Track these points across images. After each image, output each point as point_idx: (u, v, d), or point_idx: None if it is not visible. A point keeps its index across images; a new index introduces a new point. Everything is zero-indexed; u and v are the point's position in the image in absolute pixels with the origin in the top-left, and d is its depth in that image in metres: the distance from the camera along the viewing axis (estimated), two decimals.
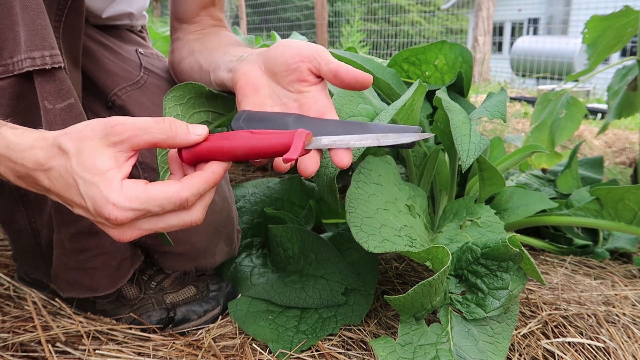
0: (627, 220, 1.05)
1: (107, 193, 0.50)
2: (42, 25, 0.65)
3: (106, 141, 0.51)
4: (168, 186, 0.52)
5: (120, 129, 0.51)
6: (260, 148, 0.56)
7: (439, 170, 1.10)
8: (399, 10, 9.10)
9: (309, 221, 1.07)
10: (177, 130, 0.54)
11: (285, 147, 0.55)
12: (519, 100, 4.12)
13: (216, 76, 0.75)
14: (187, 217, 0.55)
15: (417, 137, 0.58)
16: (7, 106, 0.65)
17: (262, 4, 9.77)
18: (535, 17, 11.08)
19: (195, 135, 0.55)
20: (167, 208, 0.52)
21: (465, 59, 1.18)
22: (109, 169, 0.51)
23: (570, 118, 1.67)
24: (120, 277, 0.86)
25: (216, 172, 0.55)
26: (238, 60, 0.70)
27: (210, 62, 0.78)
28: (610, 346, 0.85)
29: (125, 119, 0.52)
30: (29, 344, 0.82)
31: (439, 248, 0.69)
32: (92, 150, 0.51)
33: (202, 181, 0.54)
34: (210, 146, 0.56)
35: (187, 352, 0.81)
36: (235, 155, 0.56)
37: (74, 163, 0.51)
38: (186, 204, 0.53)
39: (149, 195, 0.51)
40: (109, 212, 0.50)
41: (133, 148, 0.53)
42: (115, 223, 0.51)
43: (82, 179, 0.51)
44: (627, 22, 1.57)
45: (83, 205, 0.52)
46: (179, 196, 0.52)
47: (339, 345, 0.83)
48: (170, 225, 0.55)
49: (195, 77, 0.82)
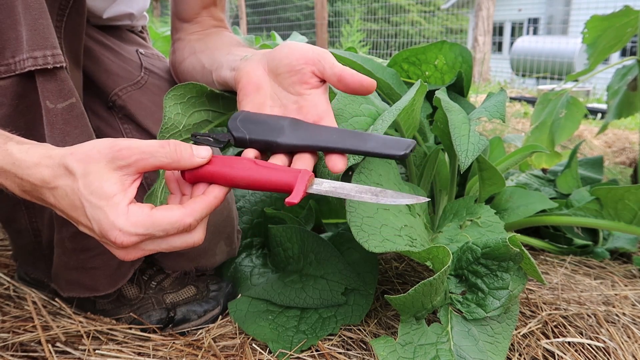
0: (627, 220, 1.05)
1: (113, 218, 0.52)
2: (44, 25, 0.66)
3: (112, 165, 0.53)
4: (172, 212, 0.54)
5: (126, 153, 0.53)
6: (262, 182, 0.57)
7: (438, 170, 1.10)
8: (399, 10, 9.10)
9: (309, 221, 1.07)
10: (182, 154, 0.55)
11: (287, 186, 0.57)
12: (519, 100, 4.12)
13: (218, 75, 0.75)
14: (189, 238, 0.57)
15: (415, 199, 0.59)
16: (8, 105, 0.66)
17: (262, 4, 9.77)
18: (535, 17, 11.09)
19: (199, 158, 0.57)
20: (170, 232, 0.54)
21: (465, 59, 1.18)
22: (115, 193, 0.52)
23: (570, 118, 1.67)
24: (120, 277, 0.86)
25: (218, 197, 0.57)
26: (242, 59, 0.70)
27: (212, 61, 0.78)
28: (610, 346, 0.85)
29: (131, 142, 0.54)
30: (29, 343, 0.82)
31: (440, 248, 0.69)
32: (98, 174, 0.52)
33: (204, 206, 0.56)
34: (213, 171, 0.58)
35: (187, 352, 0.81)
36: (236, 184, 0.58)
37: (80, 185, 0.52)
38: (189, 228, 0.55)
39: (153, 221, 0.53)
40: (115, 237, 0.52)
41: (138, 171, 0.54)
42: (121, 246, 0.53)
43: (88, 202, 0.52)
44: (627, 22, 1.57)
45: (89, 226, 0.54)
46: (183, 222, 0.54)
47: (339, 345, 0.83)
48: (172, 246, 0.56)
49: (197, 77, 0.82)
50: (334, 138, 0.61)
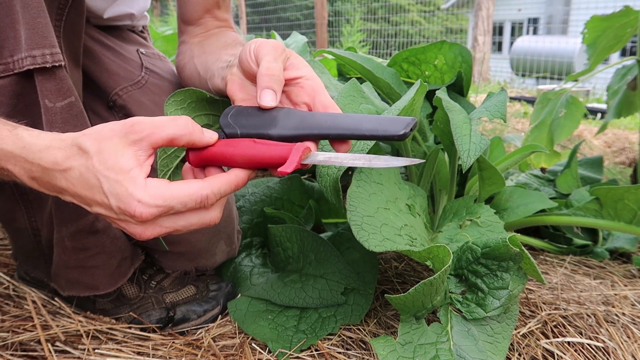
0: (626, 220, 1.05)
1: (132, 190, 0.52)
2: (43, 23, 0.66)
3: (126, 140, 0.53)
4: (190, 184, 0.55)
5: (138, 128, 0.53)
6: (260, 158, 0.58)
7: (438, 169, 1.10)
8: (399, 10, 9.10)
9: (309, 221, 1.07)
10: (195, 128, 0.57)
11: (284, 159, 0.57)
12: (519, 100, 4.13)
13: (213, 84, 0.76)
14: (206, 216, 0.57)
15: (408, 161, 0.59)
16: (7, 105, 0.65)
17: (262, 4, 9.76)
18: (535, 17, 11.09)
19: (208, 137, 0.58)
20: (189, 205, 0.54)
21: (465, 59, 1.18)
22: (132, 167, 0.52)
23: (570, 117, 1.67)
24: (120, 276, 0.86)
25: (239, 176, 0.58)
26: (227, 66, 0.71)
27: (206, 70, 0.79)
28: (609, 346, 0.85)
29: (142, 117, 0.54)
30: (29, 343, 0.82)
31: (440, 247, 0.69)
32: (113, 150, 0.52)
33: (223, 182, 0.57)
34: (215, 151, 0.59)
35: (186, 352, 0.81)
36: (236, 162, 0.59)
37: (95, 162, 0.52)
38: (207, 201, 0.55)
39: (172, 193, 0.53)
40: (135, 208, 0.52)
41: (152, 146, 0.54)
42: (140, 220, 0.53)
43: (105, 177, 0.52)
44: (627, 22, 1.57)
45: (105, 204, 0.53)
46: (201, 193, 0.54)
47: (339, 344, 0.83)
48: (190, 223, 0.56)
49: (196, 84, 0.83)
50: (327, 124, 0.60)
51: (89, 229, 0.79)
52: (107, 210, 0.54)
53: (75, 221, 0.78)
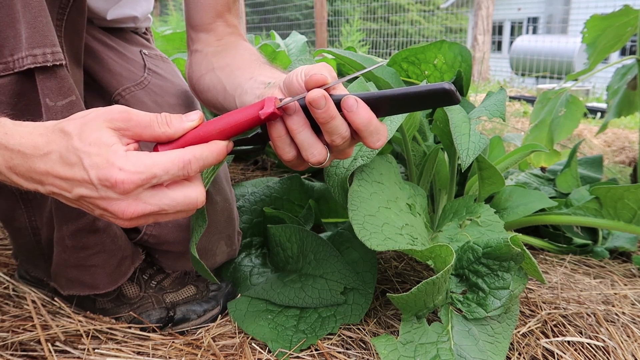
0: (626, 219, 1.05)
1: (113, 159, 0.51)
2: (44, 22, 0.65)
3: (110, 124, 0.53)
4: (171, 152, 0.54)
5: (125, 117, 0.54)
6: (234, 123, 0.58)
7: (438, 169, 1.10)
8: (399, 10, 9.10)
9: (309, 221, 1.06)
10: (173, 123, 0.56)
11: (259, 114, 0.57)
12: (519, 100, 4.13)
13: (242, 102, 0.74)
14: (191, 192, 0.56)
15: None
16: (7, 104, 0.65)
17: (262, 4, 9.76)
18: (534, 16, 11.09)
19: (189, 121, 0.57)
20: (171, 172, 0.53)
21: (465, 58, 1.18)
22: (114, 143, 0.52)
23: (570, 116, 1.67)
24: (120, 275, 0.86)
25: (219, 143, 0.57)
26: (266, 87, 0.70)
27: (235, 86, 0.77)
28: (609, 345, 0.85)
29: (129, 109, 0.54)
30: (29, 343, 0.82)
31: (443, 247, 0.69)
32: (95, 128, 0.52)
33: (204, 148, 0.56)
34: (186, 137, 0.57)
35: (186, 352, 0.81)
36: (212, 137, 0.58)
37: (76, 141, 0.52)
38: (190, 167, 0.54)
39: (153, 160, 0.52)
40: (116, 176, 0.51)
41: (134, 138, 0.54)
42: (122, 190, 0.51)
43: (85, 152, 0.51)
44: (627, 21, 1.57)
45: (85, 180, 0.52)
46: (182, 158, 0.54)
47: (339, 344, 0.83)
48: (175, 201, 0.55)
49: (219, 98, 0.82)
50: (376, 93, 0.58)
51: (90, 227, 0.79)
52: (88, 188, 0.53)
53: (75, 220, 0.78)
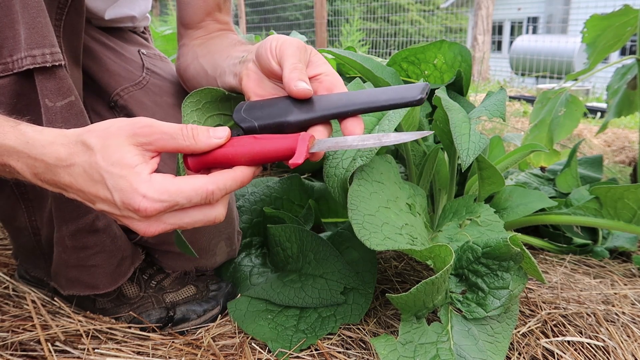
0: (626, 219, 1.05)
1: (137, 185, 0.51)
2: (43, 23, 0.65)
3: (133, 140, 0.52)
4: (196, 179, 0.54)
5: (147, 131, 0.53)
6: (264, 153, 0.56)
7: (438, 169, 1.10)
8: (399, 9, 9.10)
9: (309, 220, 1.06)
10: (199, 137, 0.55)
11: (289, 151, 0.56)
12: (518, 99, 4.13)
13: (223, 81, 0.75)
14: (211, 213, 0.56)
15: (418, 135, 0.58)
16: (7, 104, 0.65)
17: (261, 3, 9.75)
18: (534, 16, 11.09)
19: (216, 138, 0.56)
20: (194, 200, 0.53)
21: (465, 58, 1.18)
22: (137, 164, 0.52)
23: (569, 116, 1.67)
24: (120, 275, 0.86)
25: (245, 172, 0.56)
26: (240, 61, 0.70)
27: (214, 67, 0.78)
28: (609, 345, 0.85)
29: (152, 121, 0.54)
30: (28, 343, 0.82)
31: (442, 247, 0.69)
32: (118, 147, 0.52)
33: (229, 177, 0.55)
34: (217, 154, 0.57)
35: (186, 351, 0.81)
36: (240, 162, 0.57)
37: (99, 158, 0.51)
38: (212, 197, 0.54)
39: (177, 188, 0.52)
40: (139, 203, 0.51)
41: (157, 150, 0.54)
42: (144, 215, 0.52)
43: (109, 173, 0.51)
44: (627, 21, 1.57)
45: (109, 199, 0.52)
46: (206, 188, 0.53)
47: (338, 344, 0.83)
48: (194, 220, 0.55)
49: (202, 83, 0.82)
50: (344, 102, 0.59)
51: (89, 227, 0.79)
52: (110, 207, 0.53)
53: (75, 220, 0.78)
